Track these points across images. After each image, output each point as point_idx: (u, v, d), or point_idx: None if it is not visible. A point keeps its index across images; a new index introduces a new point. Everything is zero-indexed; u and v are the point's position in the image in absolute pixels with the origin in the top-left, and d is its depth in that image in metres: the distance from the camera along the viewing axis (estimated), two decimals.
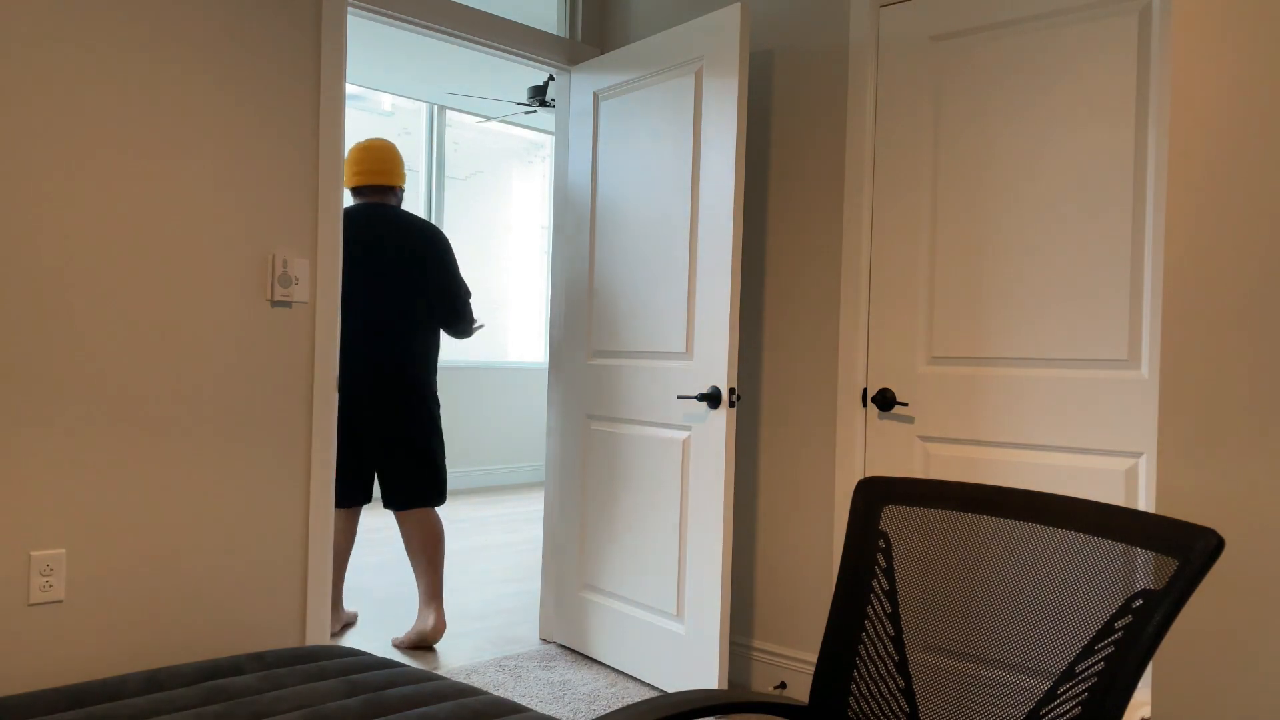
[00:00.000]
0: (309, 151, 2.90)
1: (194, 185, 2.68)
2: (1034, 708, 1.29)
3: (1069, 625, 1.29)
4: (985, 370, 2.74)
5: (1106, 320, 2.52)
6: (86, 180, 2.50)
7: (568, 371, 3.66)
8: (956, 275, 2.80)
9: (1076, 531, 1.32)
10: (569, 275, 3.69)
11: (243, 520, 2.79)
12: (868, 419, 2.99)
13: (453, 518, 6.47)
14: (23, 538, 2.42)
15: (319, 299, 2.91)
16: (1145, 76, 2.47)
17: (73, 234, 2.48)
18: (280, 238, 2.84)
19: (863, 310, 2.99)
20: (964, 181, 2.79)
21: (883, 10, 2.97)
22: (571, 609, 3.60)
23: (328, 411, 2.93)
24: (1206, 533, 1.20)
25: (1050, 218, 2.62)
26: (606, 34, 3.79)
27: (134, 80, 2.57)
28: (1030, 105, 2.66)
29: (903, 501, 1.52)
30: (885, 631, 1.49)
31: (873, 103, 2.99)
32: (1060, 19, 2.61)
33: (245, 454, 2.78)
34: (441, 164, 7.81)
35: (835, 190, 3.08)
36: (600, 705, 3.05)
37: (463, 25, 3.37)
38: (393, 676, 1.91)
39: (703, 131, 3.11)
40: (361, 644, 3.69)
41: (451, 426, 7.76)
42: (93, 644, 2.53)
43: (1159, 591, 1.20)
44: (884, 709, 1.46)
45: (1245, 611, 1.77)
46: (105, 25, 2.52)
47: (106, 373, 2.53)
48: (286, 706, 1.73)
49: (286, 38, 2.84)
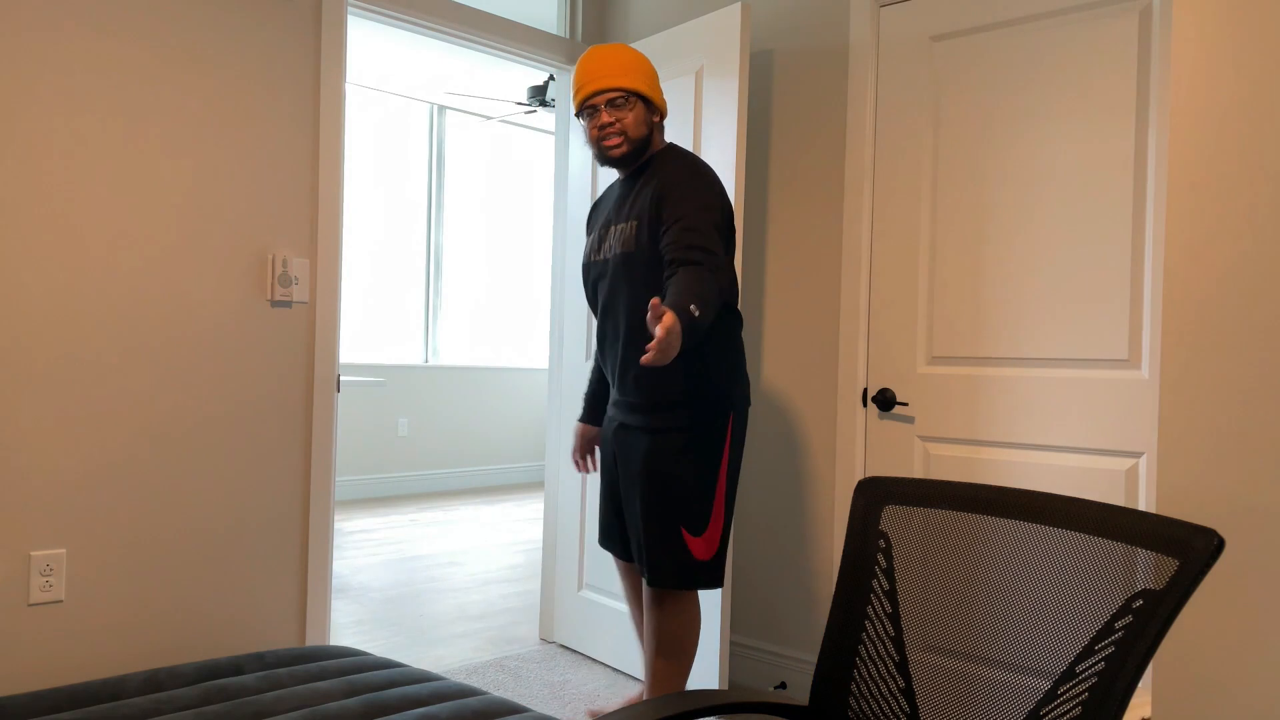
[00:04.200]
0: (309, 151, 2.90)
1: (193, 185, 2.68)
2: (1034, 708, 1.29)
3: (1069, 625, 1.29)
4: (985, 370, 2.74)
5: (1106, 320, 2.52)
6: (85, 180, 2.50)
7: (568, 371, 3.66)
8: (956, 275, 2.80)
9: (1077, 531, 1.32)
10: (569, 275, 3.69)
11: (243, 520, 2.79)
12: (868, 419, 2.99)
13: (453, 518, 6.47)
14: (23, 538, 2.42)
15: (319, 299, 2.91)
16: (1145, 76, 2.47)
17: (72, 234, 2.48)
18: (280, 238, 2.84)
19: (863, 310, 2.99)
20: (964, 181, 2.79)
21: (883, 10, 2.97)
22: (571, 609, 3.60)
23: (327, 411, 2.93)
24: (1206, 533, 1.20)
25: (1050, 217, 2.62)
26: (606, 34, 3.79)
27: (132, 80, 2.57)
28: (1030, 105, 2.66)
29: (903, 501, 1.52)
30: (885, 631, 1.49)
31: (873, 103, 2.99)
32: (1060, 19, 2.61)
33: (245, 454, 2.78)
34: (441, 164, 7.81)
35: (835, 190, 3.08)
36: (600, 705, 3.05)
37: (463, 25, 3.37)
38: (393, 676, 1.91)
39: (703, 131, 3.11)
40: (361, 644, 3.69)
41: (451, 426, 7.76)
42: (93, 644, 2.53)
43: (1159, 591, 1.20)
44: (884, 709, 1.46)
45: (1245, 611, 1.77)
46: (103, 24, 2.52)
47: (106, 372, 2.53)
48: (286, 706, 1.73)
49: (286, 37, 2.84)
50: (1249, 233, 1.78)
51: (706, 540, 2.47)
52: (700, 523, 2.47)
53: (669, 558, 2.46)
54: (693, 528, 2.47)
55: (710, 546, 2.48)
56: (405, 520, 6.34)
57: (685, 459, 2.45)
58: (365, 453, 7.20)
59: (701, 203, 2.39)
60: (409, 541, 5.65)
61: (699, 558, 2.47)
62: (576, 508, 3.59)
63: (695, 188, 2.42)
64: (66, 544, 2.49)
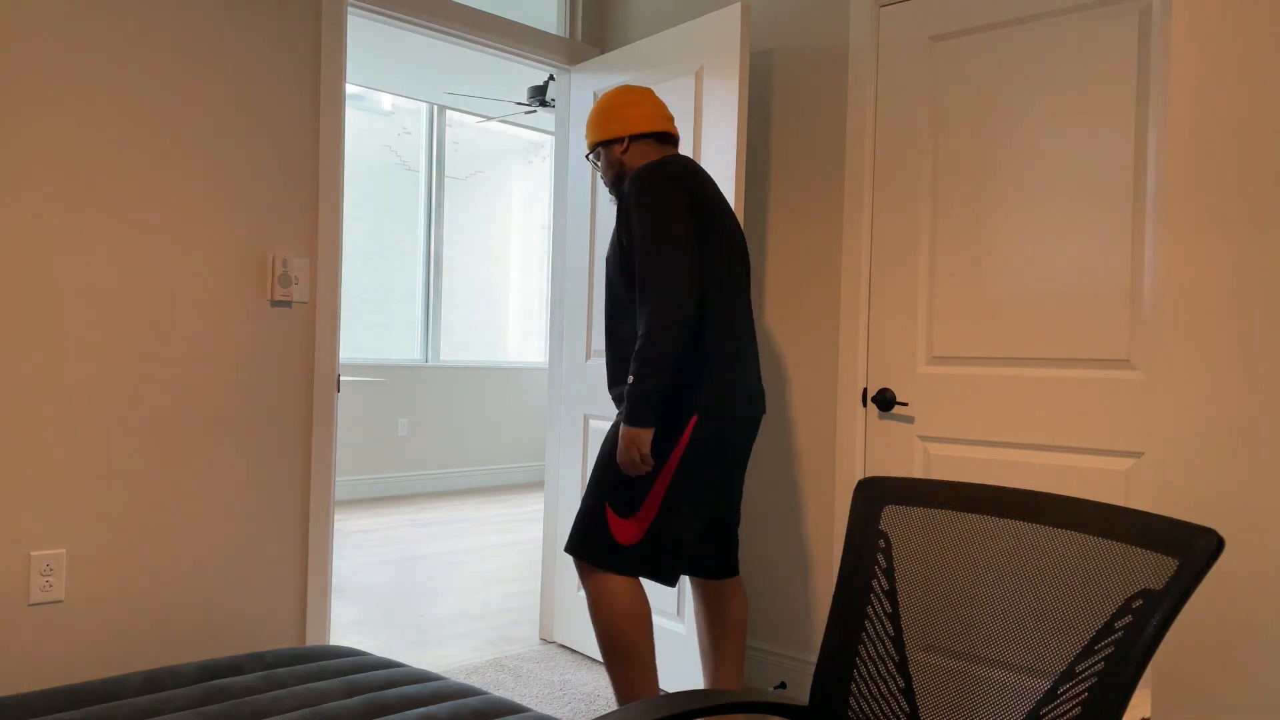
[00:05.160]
0: (309, 151, 2.90)
1: (193, 185, 2.68)
2: (1034, 708, 1.29)
3: (1069, 625, 1.29)
4: (985, 370, 2.74)
5: (1106, 320, 2.52)
6: (84, 181, 2.50)
7: (568, 371, 3.66)
8: (956, 275, 2.80)
9: (1076, 531, 1.32)
10: (569, 275, 3.69)
11: (242, 520, 2.79)
12: (868, 419, 2.99)
13: (453, 518, 6.47)
14: (23, 538, 2.42)
15: (319, 299, 2.91)
16: (1145, 76, 2.47)
17: (71, 235, 2.48)
18: (280, 238, 2.84)
19: (863, 310, 2.99)
20: (964, 181, 2.79)
21: (883, 10, 2.97)
22: (571, 609, 3.60)
23: (327, 411, 2.93)
24: (1206, 533, 1.20)
25: (1050, 217, 2.62)
26: (606, 34, 3.79)
27: (132, 80, 2.57)
28: (1030, 105, 2.66)
29: (903, 501, 1.52)
30: (885, 631, 1.49)
31: (873, 103, 2.99)
32: (1060, 19, 2.61)
33: (245, 454, 2.78)
34: (441, 164, 7.81)
35: (835, 190, 3.08)
36: (600, 705, 3.05)
37: (463, 25, 3.37)
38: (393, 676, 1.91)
39: (703, 131, 3.11)
40: (361, 644, 3.69)
41: (451, 427, 7.76)
42: (93, 644, 2.53)
43: (1159, 591, 1.20)
44: (884, 709, 1.46)
45: (1244, 611, 1.77)
46: (102, 24, 2.52)
47: (107, 372, 2.53)
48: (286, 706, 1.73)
49: (286, 37, 2.84)
50: (1248, 233, 1.78)
51: (635, 525, 2.44)
52: (629, 506, 2.44)
53: (584, 526, 2.48)
54: (619, 508, 2.45)
55: (635, 533, 2.43)
56: (405, 520, 6.34)
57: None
58: (365, 453, 7.20)
59: (642, 229, 2.41)
60: (409, 541, 5.65)
61: (619, 540, 2.43)
62: (576, 507, 3.59)
63: (637, 210, 2.44)
64: (66, 544, 2.49)
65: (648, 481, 2.44)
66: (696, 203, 2.45)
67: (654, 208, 2.41)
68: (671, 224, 2.40)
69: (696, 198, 2.45)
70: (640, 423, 2.37)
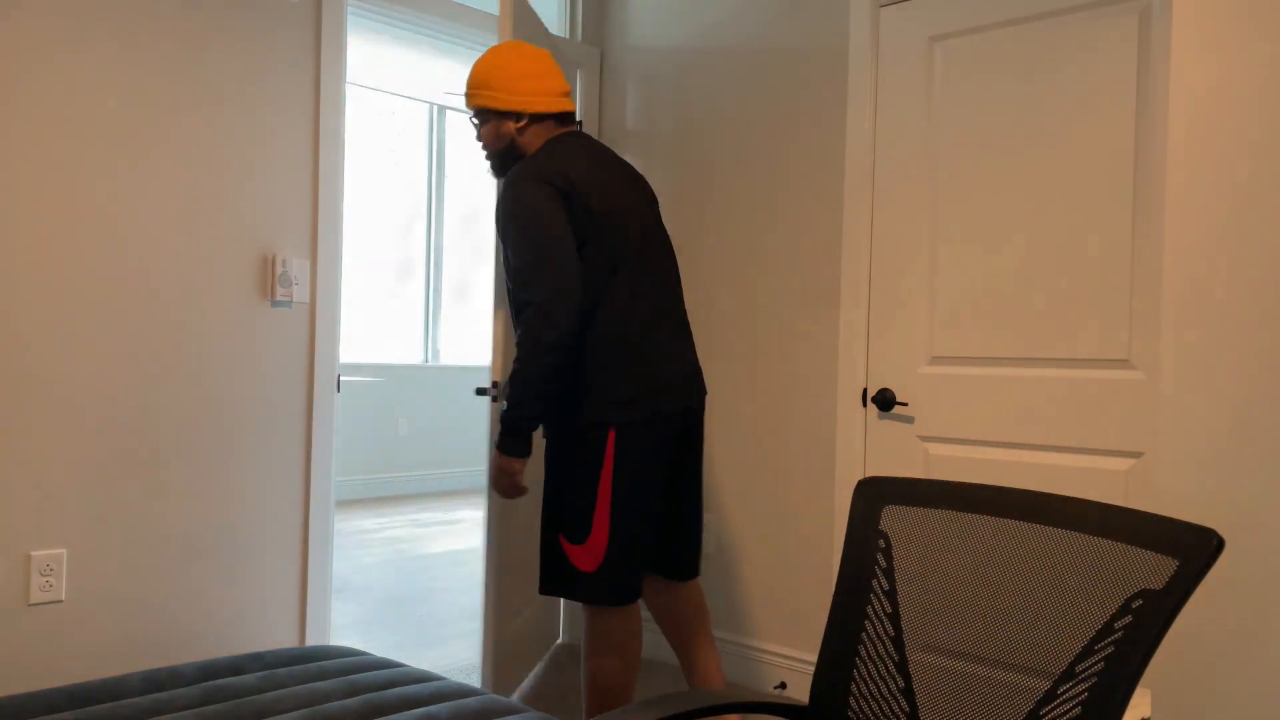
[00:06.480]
0: (308, 151, 2.90)
1: (193, 185, 2.68)
2: (1034, 708, 1.29)
3: (1069, 625, 1.29)
4: (985, 370, 2.74)
5: (1106, 320, 2.52)
6: (85, 181, 2.50)
7: None
8: (956, 275, 2.80)
9: (1076, 531, 1.32)
10: None
11: (242, 520, 2.79)
12: (868, 419, 2.99)
13: (451, 518, 6.47)
14: (23, 538, 2.42)
15: (319, 299, 2.91)
16: (1146, 76, 2.47)
17: (72, 235, 2.48)
18: (280, 238, 2.84)
19: (863, 310, 2.99)
20: (963, 181, 2.79)
21: (882, 10, 2.97)
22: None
23: (327, 411, 2.93)
24: (1206, 533, 1.20)
25: (1050, 217, 2.62)
26: (606, 34, 3.79)
27: (131, 80, 2.57)
28: (1030, 105, 2.66)
29: (903, 501, 1.52)
30: (885, 631, 1.49)
31: (872, 103, 2.99)
32: (1060, 18, 2.61)
33: (245, 453, 2.78)
34: (441, 164, 7.81)
35: (835, 190, 3.08)
36: None
37: (462, 25, 3.37)
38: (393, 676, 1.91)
39: None
40: (361, 644, 3.69)
41: (451, 426, 7.76)
42: (93, 644, 2.53)
43: (1159, 591, 1.20)
44: (884, 709, 1.46)
45: (1245, 611, 1.77)
46: (103, 25, 2.52)
47: (107, 372, 2.53)
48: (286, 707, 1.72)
49: (286, 37, 2.84)
50: (1249, 232, 1.78)
51: (588, 550, 2.35)
52: (579, 533, 2.35)
53: (546, 561, 2.40)
54: (570, 535, 2.36)
55: (593, 558, 2.35)
56: (405, 520, 6.34)
57: (558, 469, 2.39)
58: (365, 453, 7.20)
59: (515, 246, 2.28)
60: (409, 541, 5.65)
61: (581, 568, 2.36)
62: None
63: (511, 226, 2.29)
64: (66, 544, 2.49)
65: (589, 506, 2.35)
66: (576, 205, 2.30)
67: (527, 224, 2.26)
68: (542, 239, 2.25)
69: (576, 199, 2.30)
70: (511, 451, 2.28)
